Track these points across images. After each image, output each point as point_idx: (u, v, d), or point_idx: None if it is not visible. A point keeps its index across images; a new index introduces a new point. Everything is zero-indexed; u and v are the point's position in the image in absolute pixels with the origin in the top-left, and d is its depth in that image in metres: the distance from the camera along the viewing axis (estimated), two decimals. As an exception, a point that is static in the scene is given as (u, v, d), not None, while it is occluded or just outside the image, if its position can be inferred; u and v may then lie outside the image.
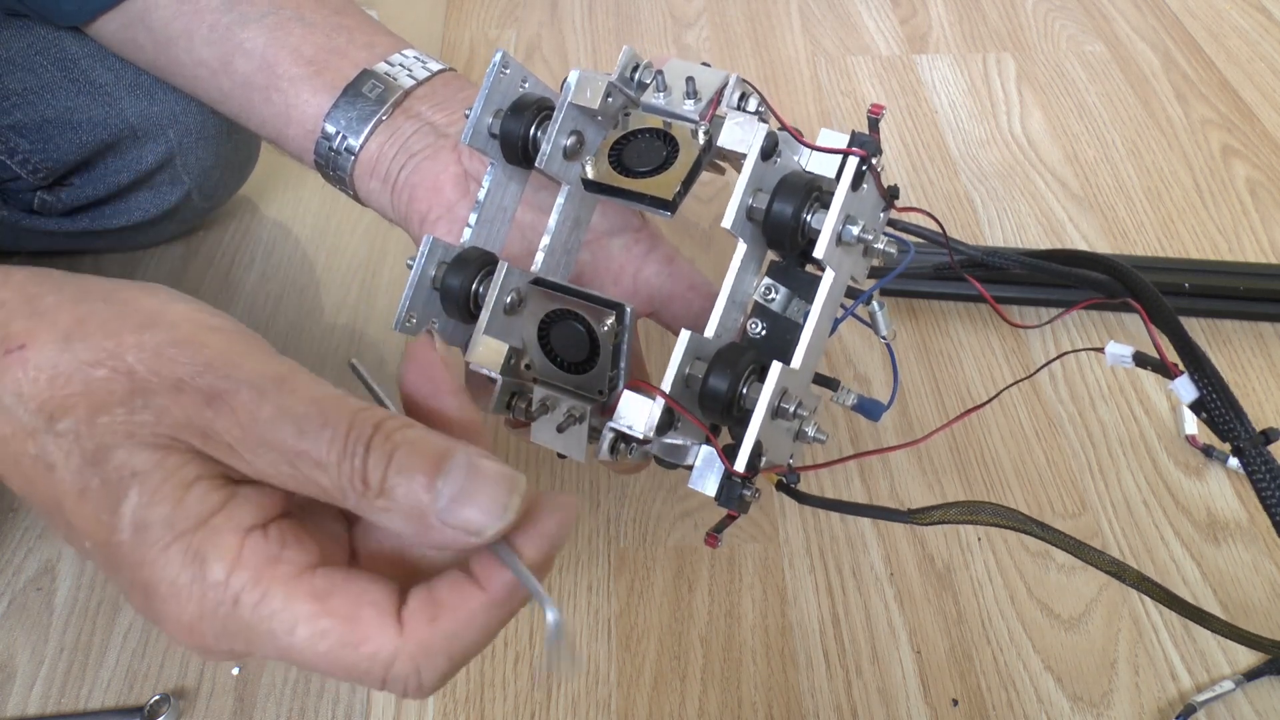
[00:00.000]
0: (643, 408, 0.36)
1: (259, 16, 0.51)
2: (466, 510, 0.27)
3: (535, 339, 0.39)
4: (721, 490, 0.37)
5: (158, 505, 0.27)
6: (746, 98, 0.41)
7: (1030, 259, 0.46)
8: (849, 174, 0.37)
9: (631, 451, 0.38)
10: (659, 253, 0.48)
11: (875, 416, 0.43)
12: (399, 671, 0.27)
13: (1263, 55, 0.92)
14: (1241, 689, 0.49)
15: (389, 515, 0.27)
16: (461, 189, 0.47)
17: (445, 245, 0.42)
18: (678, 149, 0.40)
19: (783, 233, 0.38)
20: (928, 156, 0.82)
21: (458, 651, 0.27)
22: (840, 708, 0.49)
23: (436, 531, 0.27)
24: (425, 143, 0.48)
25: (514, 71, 0.43)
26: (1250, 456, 0.38)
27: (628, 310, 0.37)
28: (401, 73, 0.50)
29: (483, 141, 0.43)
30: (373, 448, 0.27)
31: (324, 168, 0.51)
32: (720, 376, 0.36)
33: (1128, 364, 0.40)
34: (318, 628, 0.27)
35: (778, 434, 0.38)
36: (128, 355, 0.28)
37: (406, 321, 0.42)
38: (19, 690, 0.50)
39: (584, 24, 0.98)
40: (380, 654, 0.27)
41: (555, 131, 0.40)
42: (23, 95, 0.61)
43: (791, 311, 0.41)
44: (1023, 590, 0.54)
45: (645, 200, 0.39)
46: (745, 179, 0.37)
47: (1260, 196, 0.77)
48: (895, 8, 0.99)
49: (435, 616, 0.27)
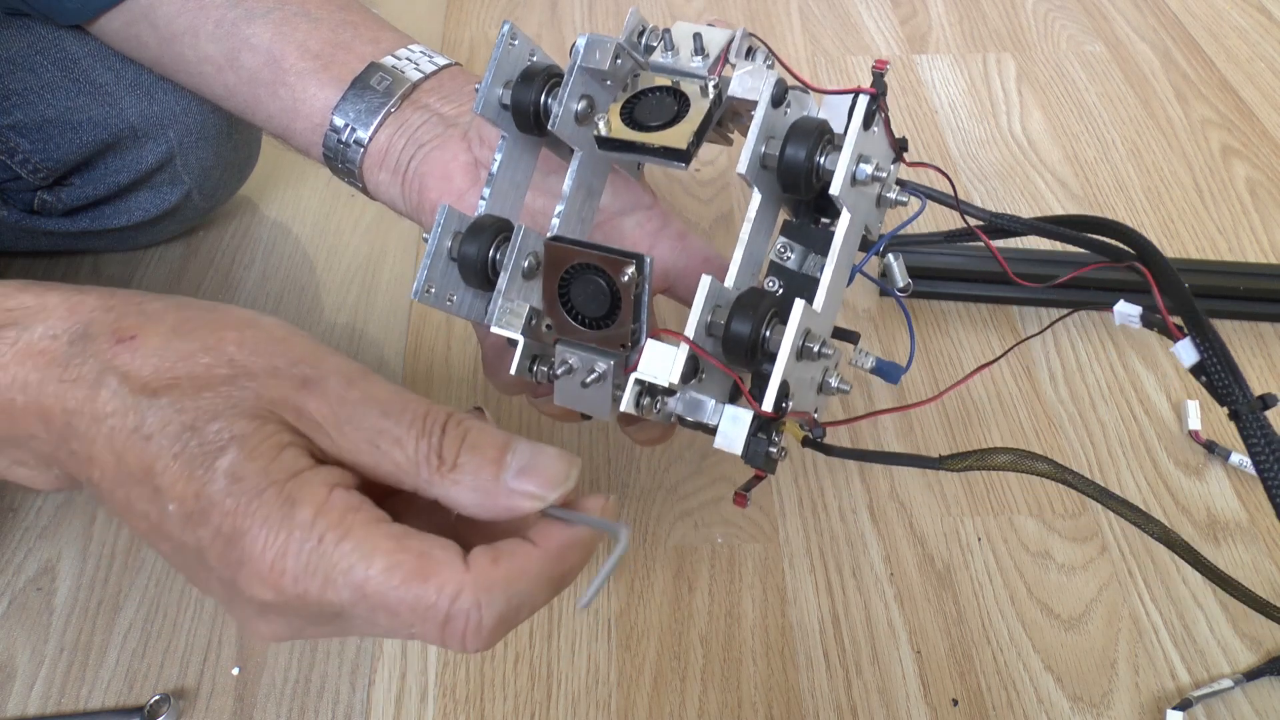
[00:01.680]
0: (667, 356, 0.36)
1: (264, 12, 0.51)
2: (533, 478, 0.31)
3: (555, 298, 0.39)
4: (748, 447, 0.37)
5: (255, 459, 0.30)
6: (754, 51, 0.41)
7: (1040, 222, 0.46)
8: (860, 112, 0.37)
9: (657, 406, 0.38)
10: (671, 229, 0.48)
11: (894, 379, 0.43)
12: (462, 605, 0.29)
13: (1263, 55, 0.92)
14: (1241, 688, 0.49)
15: (457, 488, 0.31)
16: (472, 176, 0.47)
17: (460, 215, 0.42)
18: (688, 104, 0.40)
19: (797, 175, 0.38)
20: (928, 156, 0.82)
21: (515, 594, 0.30)
22: (840, 708, 0.49)
23: (503, 498, 0.31)
24: (434, 133, 0.48)
25: (522, 44, 0.43)
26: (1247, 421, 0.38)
27: (647, 260, 0.37)
28: (409, 66, 0.50)
29: (494, 112, 0.43)
30: (448, 429, 0.32)
31: (332, 160, 0.51)
32: (743, 320, 0.36)
33: (1135, 323, 0.40)
34: (393, 560, 0.29)
35: (803, 379, 0.38)
36: (228, 348, 0.32)
37: (425, 292, 0.42)
38: (19, 690, 0.50)
39: (584, 24, 0.98)
40: (447, 586, 0.29)
41: (566, 95, 0.40)
42: (23, 95, 0.61)
43: (807, 268, 0.41)
44: (1023, 590, 0.54)
45: (659, 153, 0.39)
46: (757, 126, 0.37)
47: (1260, 196, 0.77)
48: (895, 8, 0.99)
49: (497, 559, 0.30)
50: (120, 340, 0.32)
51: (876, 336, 0.67)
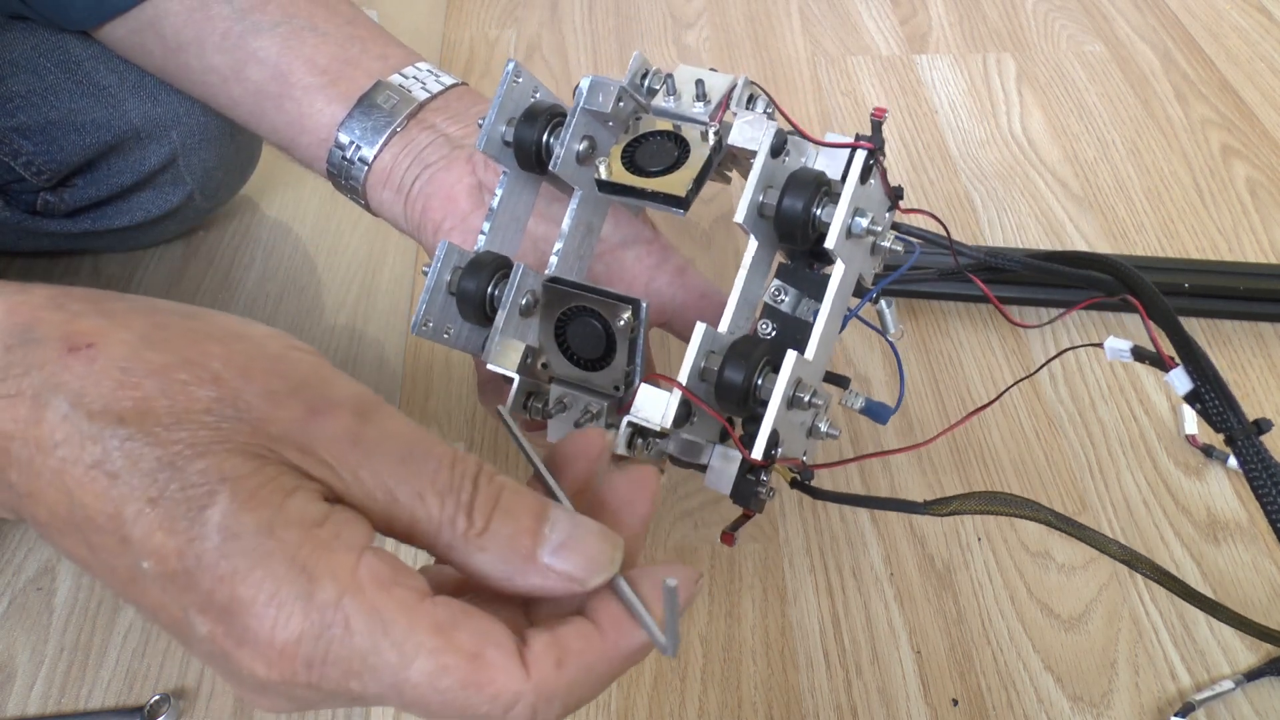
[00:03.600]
0: (660, 400, 0.36)
1: (272, 25, 0.51)
2: (571, 557, 0.27)
3: (552, 337, 0.40)
4: (738, 488, 0.38)
5: (254, 511, 0.24)
6: (755, 99, 0.42)
7: (1033, 260, 0.46)
8: (857, 166, 0.37)
9: (649, 447, 0.38)
10: (671, 264, 0.48)
11: (883, 420, 0.43)
12: (518, 714, 0.25)
13: (1263, 55, 0.92)
14: (1241, 689, 0.49)
15: (483, 555, 0.27)
16: (476, 199, 0.47)
17: (460, 250, 0.43)
18: (689, 149, 0.40)
19: (793, 226, 0.38)
20: (928, 156, 0.82)
21: (574, 700, 0.26)
22: (840, 708, 0.49)
23: (535, 576, 0.27)
24: (440, 154, 0.48)
25: (526, 81, 0.43)
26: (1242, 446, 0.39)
27: (643, 305, 0.38)
28: (415, 85, 0.50)
29: (496, 149, 0.43)
30: (481, 485, 0.27)
31: (336, 177, 0.51)
32: (735, 368, 0.36)
33: (1126, 358, 0.41)
34: (440, 663, 0.24)
35: (793, 426, 0.38)
36: (212, 364, 0.26)
37: (423, 325, 0.42)
38: (19, 690, 0.50)
39: (584, 24, 0.98)
40: (503, 696, 0.25)
41: (569, 136, 0.41)
42: (26, 98, 0.61)
43: (801, 311, 0.42)
44: (1023, 590, 0.54)
45: (658, 199, 0.40)
46: (756, 175, 0.38)
47: (1260, 196, 0.77)
48: (895, 8, 1.00)
49: (562, 662, 0.26)
50: (73, 349, 0.25)
51: (877, 341, 0.67)
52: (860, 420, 0.62)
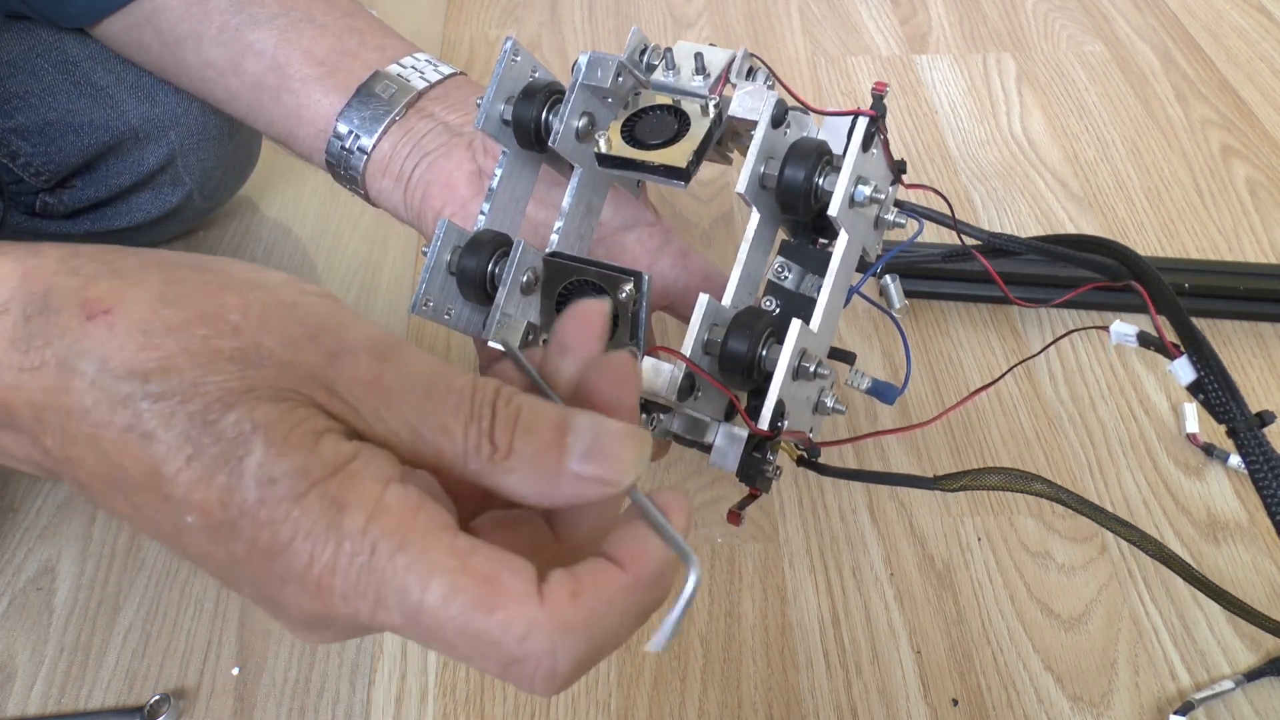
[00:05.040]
0: (664, 373, 0.36)
1: (269, 18, 0.51)
2: (599, 462, 0.27)
3: (553, 314, 0.39)
4: (744, 466, 0.37)
5: (288, 455, 0.25)
6: (755, 71, 0.41)
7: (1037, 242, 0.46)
8: (859, 133, 0.37)
9: (653, 423, 0.38)
10: (672, 246, 0.48)
11: (889, 400, 0.43)
12: (532, 647, 0.25)
13: (1263, 55, 0.92)
14: (1241, 689, 0.49)
15: (513, 477, 0.27)
16: (475, 186, 0.47)
17: (460, 230, 0.42)
18: (689, 123, 0.40)
19: (795, 197, 0.38)
20: (928, 156, 0.82)
21: (598, 635, 0.25)
22: (840, 708, 0.49)
23: (568, 487, 0.27)
24: (439, 141, 0.48)
25: (524, 60, 0.43)
26: (1245, 438, 0.39)
27: (645, 277, 0.38)
28: (414, 74, 0.50)
29: (495, 128, 0.43)
30: (499, 410, 0.27)
31: (335, 167, 0.51)
32: (739, 338, 0.36)
33: (1131, 342, 0.41)
34: (453, 584, 0.25)
35: (798, 399, 0.38)
36: (231, 315, 0.26)
37: (423, 305, 0.42)
38: (19, 690, 0.50)
39: (584, 24, 0.98)
40: (515, 623, 0.25)
41: (568, 112, 0.40)
42: (24, 98, 0.61)
43: (805, 288, 0.42)
44: (1023, 590, 0.54)
45: (659, 171, 0.39)
46: (757, 145, 0.37)
47: (1260, 196, 0.77)
48: (895, 8, 0.99)
49: (578, 593, 0.25)
50: (91, 317, 0.26)
51: (877, 337, 0.67)
52: (857, 411, 0.62)
